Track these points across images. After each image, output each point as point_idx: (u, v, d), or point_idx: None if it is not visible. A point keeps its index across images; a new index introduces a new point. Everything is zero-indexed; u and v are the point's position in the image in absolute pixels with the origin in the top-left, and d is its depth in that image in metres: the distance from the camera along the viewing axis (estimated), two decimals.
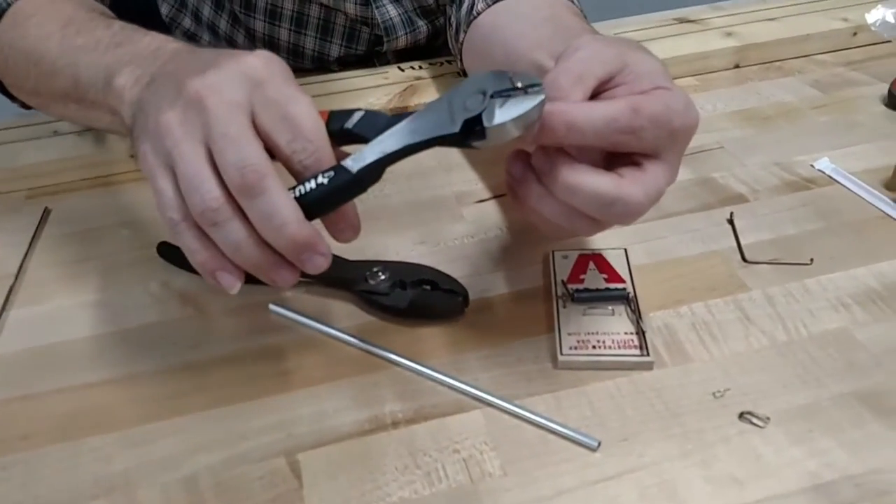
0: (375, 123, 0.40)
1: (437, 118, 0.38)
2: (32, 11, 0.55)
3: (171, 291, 0.53)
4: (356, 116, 0.40)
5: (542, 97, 0.37)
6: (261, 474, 0.40)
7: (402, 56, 0.82)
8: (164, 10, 0.88)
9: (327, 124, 0.39)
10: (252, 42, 0.82)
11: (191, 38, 0.88)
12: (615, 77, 0.40)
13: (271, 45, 0.80)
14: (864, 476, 0.38)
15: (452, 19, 0.70)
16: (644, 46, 0.42)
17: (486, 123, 0.37)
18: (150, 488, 0.40)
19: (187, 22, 0.87)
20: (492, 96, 0.37)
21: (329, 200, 0.38)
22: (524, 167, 0.41)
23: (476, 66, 0.66)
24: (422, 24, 0.80)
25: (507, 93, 0.37)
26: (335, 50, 0.80)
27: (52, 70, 0.52)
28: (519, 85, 0.37)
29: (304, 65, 0.82)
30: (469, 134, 0.38)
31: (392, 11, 0.77)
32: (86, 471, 0.41)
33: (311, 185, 0.37)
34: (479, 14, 0.64)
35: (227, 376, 0.46)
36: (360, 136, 0.40)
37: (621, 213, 0.38)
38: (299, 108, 0.37)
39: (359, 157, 0.38)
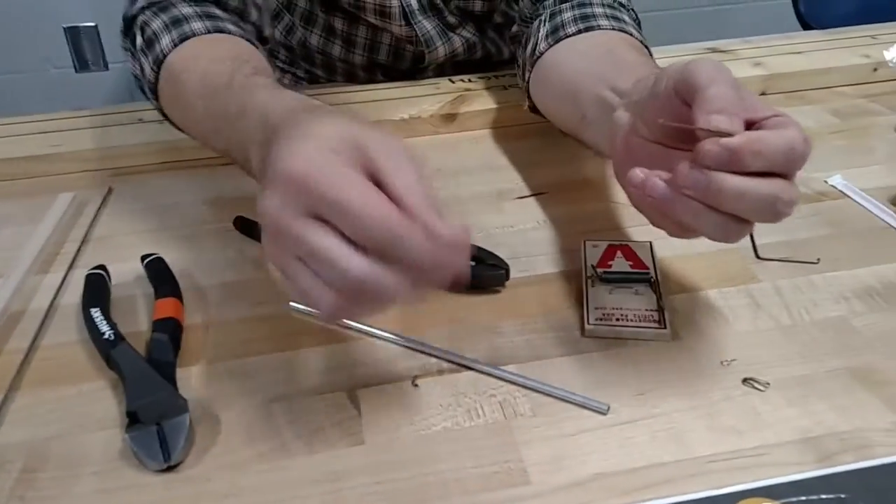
0: None
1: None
2: (182, 67, 0.60)
3: (246, 257, 0.60)
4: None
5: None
6: (326, 404, 0.47)
7: (443, 72, 0.90)
8: None
9: None
10: (308, 52, 0.91)
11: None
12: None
13: (325, 56, 0.90)
14: (849, 433, 0.44)
15: (519, 60, 0.73)
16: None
17: None
18: (231, 411, 0.47)
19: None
20: None
21: None
22: (666, 188, 0.42)
23: (545, 103, 0.69)
24: (453, 37, 0.87)
25: None
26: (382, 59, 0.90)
27: (203, 135, 0.59)
28: None
29: (356, 71, 0.91)
30: None
31: (427, 25, 0.85)
32: None
33: None
34: (541, 54, 0.67)
35: (296, 326, 0.53)
36: None
37: (780, 210, 0.41)
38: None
39: None
